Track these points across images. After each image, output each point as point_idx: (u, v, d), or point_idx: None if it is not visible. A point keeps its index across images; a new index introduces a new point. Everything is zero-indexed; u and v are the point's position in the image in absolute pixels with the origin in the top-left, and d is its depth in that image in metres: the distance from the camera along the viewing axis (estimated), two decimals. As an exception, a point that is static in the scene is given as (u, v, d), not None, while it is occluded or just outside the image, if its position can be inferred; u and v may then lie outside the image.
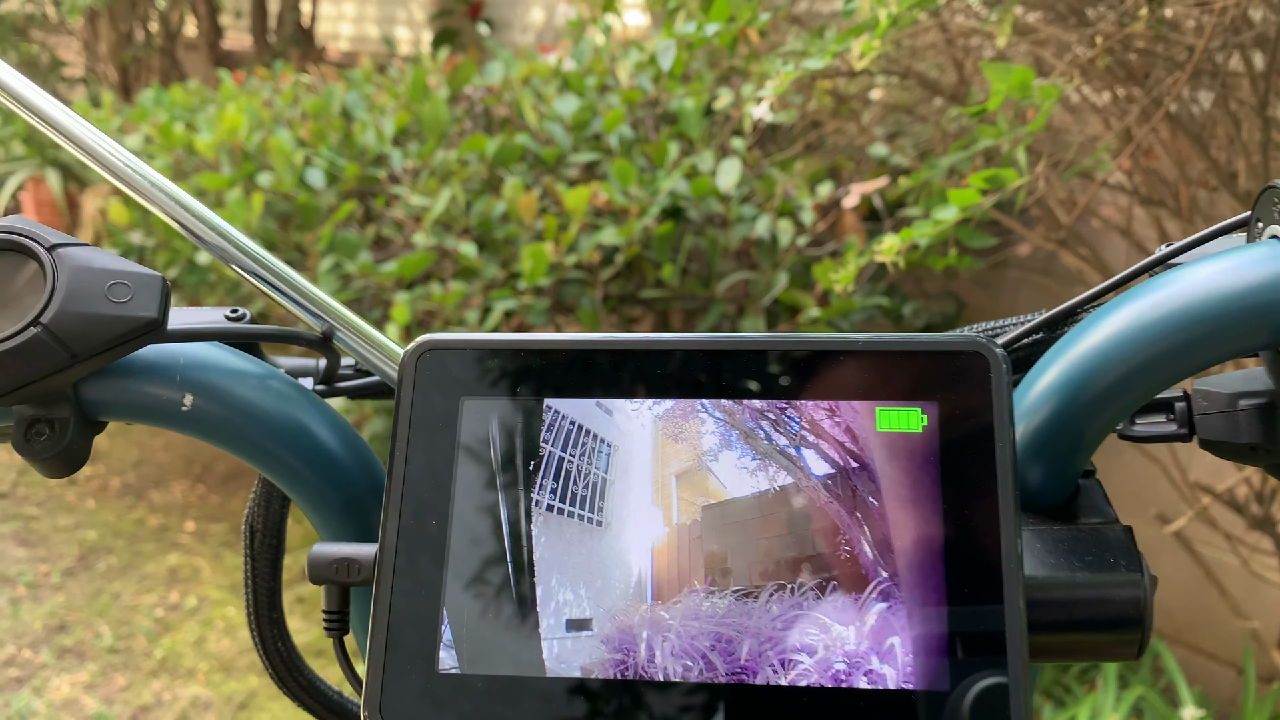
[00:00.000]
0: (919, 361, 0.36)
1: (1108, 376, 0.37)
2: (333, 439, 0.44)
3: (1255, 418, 0.39)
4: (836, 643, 0.34)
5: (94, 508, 3.17)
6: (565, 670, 0.35)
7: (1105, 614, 0.36)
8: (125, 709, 2.34)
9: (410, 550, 0.36)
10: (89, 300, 0.37)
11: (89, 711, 2.32)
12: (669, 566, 0.35)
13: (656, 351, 0.38)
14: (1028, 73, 0.85)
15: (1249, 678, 2.03)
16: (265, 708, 2.35)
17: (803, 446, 0.36)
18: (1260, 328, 0.35)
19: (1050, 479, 0.40)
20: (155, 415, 0.41)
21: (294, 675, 0.52)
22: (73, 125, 0.43)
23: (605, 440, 0.37)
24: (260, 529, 0.49)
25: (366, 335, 0.45)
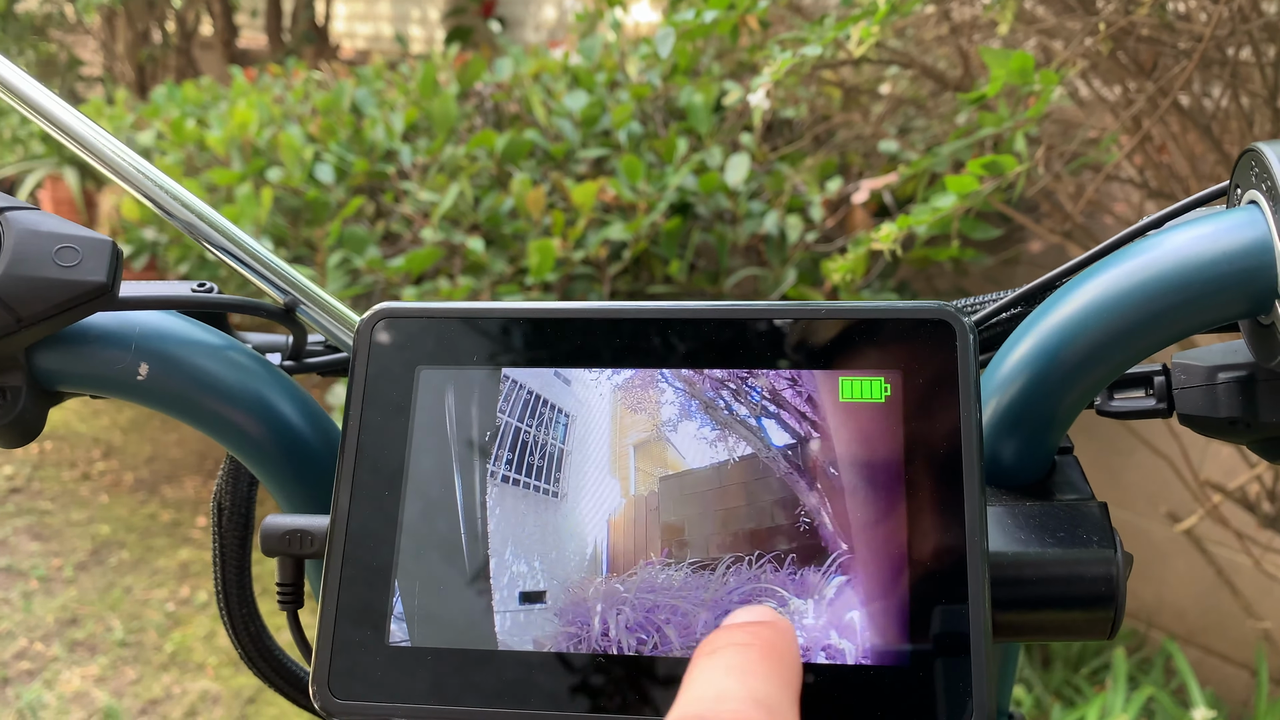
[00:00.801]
0: (882, 330, 0.35)
1: (1081, 348, 0.36)
2: (293, 411, 0.43)
3: (1235, 391, 0.38)
4: (794, 617, 0.33)
5: (107, 502, 3.18)
6: (517, 644, 0.34)
7: (1076, 591, 0.35)
8: (135, 702, 2.35)
9: (362, 522, 0.36)
10: (35, 264, 0.37)
11: (99, 704, 2.33)
12: (625, 538, 0.34)
13: (616, 320, 0.37)
14: (1027, 58, 0.84)
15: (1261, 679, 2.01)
16: (273, 702, 2.36)
17: (763, 417, 0.35)
18: (1237, 295, 0.33)
19: (1025, 455, 0.39)
20: (110, 385, 0.41)
21: (263, 655, 0.51)
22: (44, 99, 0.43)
23: (563, 410, 0.36)
24: (228, 506, 0.49)
25: (328, 307, 0.44)
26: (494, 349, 0.37)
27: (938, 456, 0.33)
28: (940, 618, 0.32)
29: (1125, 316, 0.35)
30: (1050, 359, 0.36)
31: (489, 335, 0.37)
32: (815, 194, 2.07)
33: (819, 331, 0.35)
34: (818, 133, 2.15)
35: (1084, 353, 0.36)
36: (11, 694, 2.35)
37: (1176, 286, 0.34)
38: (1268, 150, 0.33)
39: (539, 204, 2.02)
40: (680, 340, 0.36)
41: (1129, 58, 1.22)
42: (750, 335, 0.36)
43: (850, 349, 0.35)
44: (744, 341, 0.36)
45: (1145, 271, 0.35)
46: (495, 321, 0.37)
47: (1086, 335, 0.35)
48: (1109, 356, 0.35)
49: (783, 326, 0.36)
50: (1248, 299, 0.33)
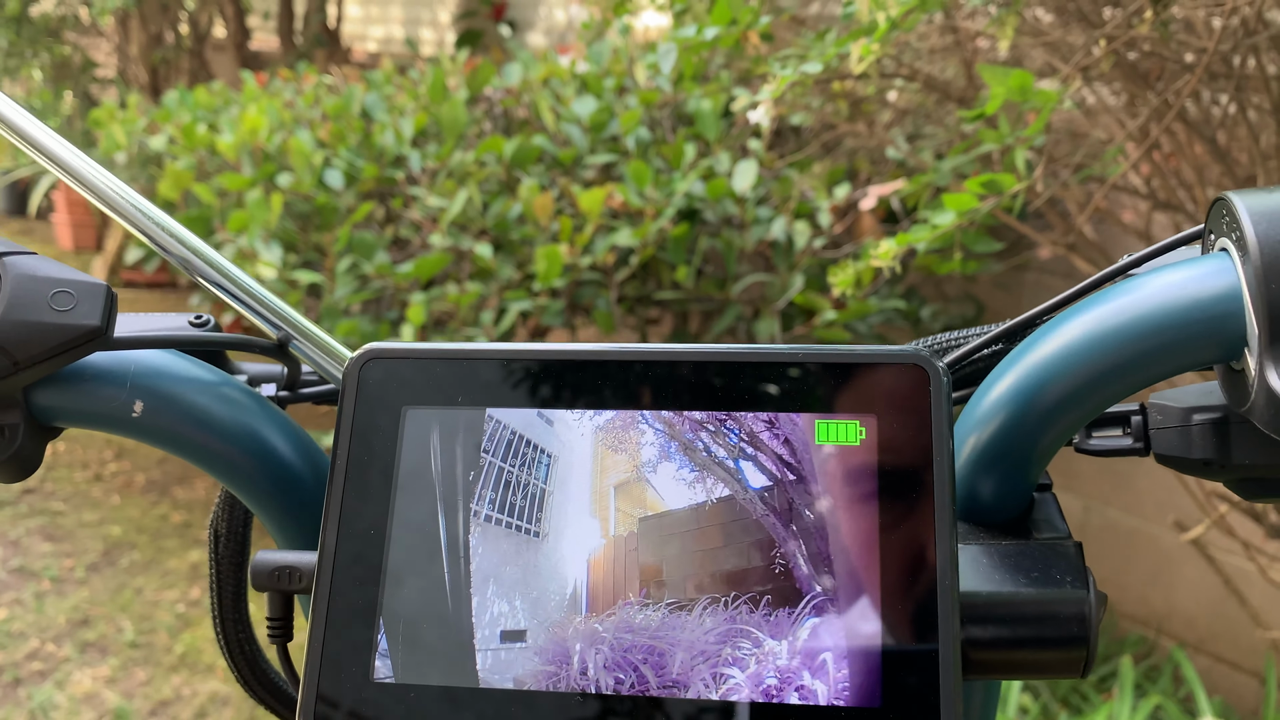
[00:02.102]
0: (858, 374, 0.35)
1: (1059, 388, 0.36)
2: (285, 446, 0.44)
3: (1209, 433, 0.39)
4: (768, 657, 0.33)
5: (119, 504, 3.21)
6: (498, 681, 0.35)
7: (1049, 632, 0.36)
8: (145, 703, 2.36)
9: (348, 559, 0.36)
10: (31, 309, 0.38)
11: (110, 705, 2.35)
12: (604, 578, 0.35)
13: (598, 362, 0.37)
14: (1026, 76, 0.84)
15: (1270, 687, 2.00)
16: None
17: (741, 459, 0.36)
18: (1209, 342, 0.34)
19: (1002, 492, 0.39)
20: (106, 421, 0.42)
21: (258, 677, 0.52)
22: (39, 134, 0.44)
23: (545, 451, 0.37)
24: (224, 533, 0.50)
25: (319, 342, 0.45)
26: (479, 389, 0.38)
27: (911, 498, 0.34)
28: (911, 659, 0.33)
29: (1104, 359, 0.35)
30: (1029, 398, 0.37)
31: (474, 376, 0.38)
32: (823, 200, 2.08)
33: (796, 375, 0.36)
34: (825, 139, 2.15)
35: (1063, 393, 0.36)
36: (23, 694, 2.37)
37: (1152, 332, 0.34)
38: (1237, 200, 0.34)
39: (547, 210, 2.03)
40: (660, 382, 0.37)
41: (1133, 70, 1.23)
42: (729, 378, 0.36)
43: (826, 392, 0.36)
44: (723, 384, 0.36)
45: (1122, 316, 0.35)
46: (480, 363, 0.38)
47: (1065, 376, 0.36)
48: (1087, 397, 0.36)
49: (761, 370, 0.36)
50: (1219, 346, 0.34)
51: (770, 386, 0.36)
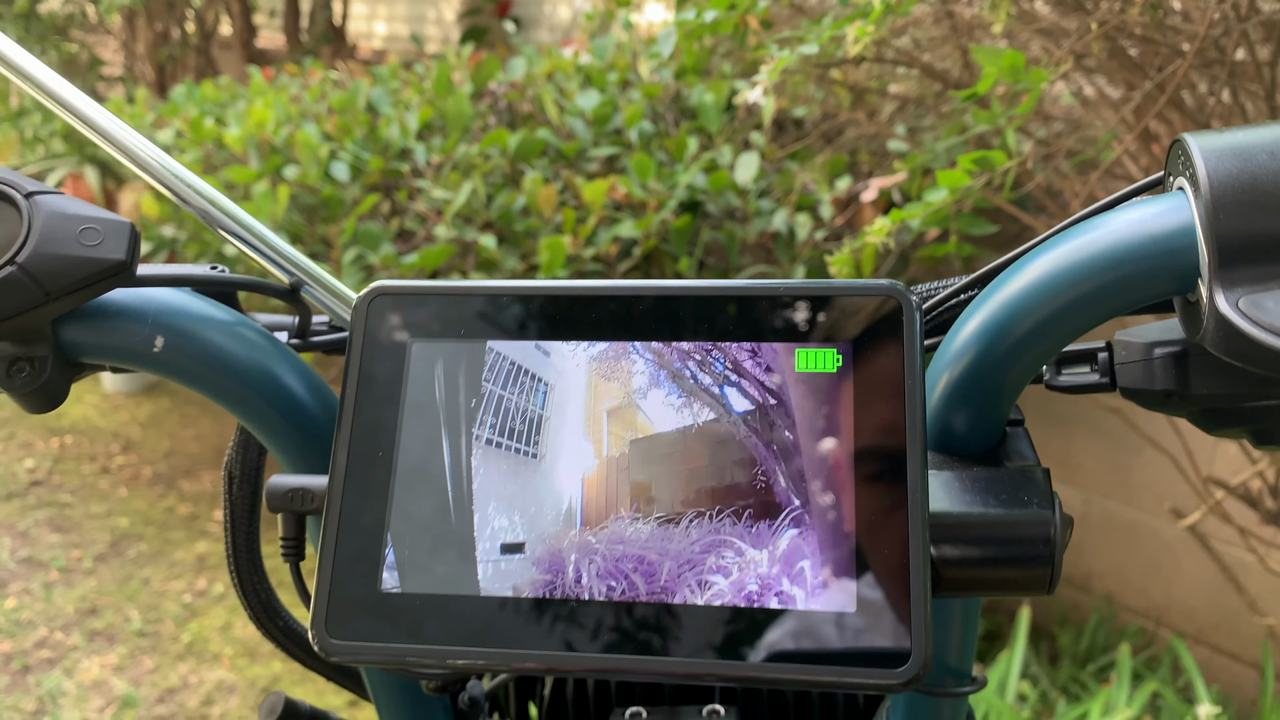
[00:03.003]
0: (835, 305, 0.38)
1: (1024, 323, 0.38)
2: (297, 382, 0.47)
3: (1169, 365, 0.41)
4: (750, 565, 0.36)
5: (126, 496, 3.24)
6: (498, 590, 0.37)
7: (1016, 550, 0.38)
8: (153, 691, 2.39)
9: (358, 480, 0.39)
10: (62, 243, 0.40)
11: (117, 693, 2.37)
12: (598, 495, 0.38)
13: (592, 297, 0.40)
14: (1017, 56, 0.86)
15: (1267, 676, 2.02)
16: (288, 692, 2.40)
17: (725, 385, 0.38)
18: (1164, 275, 0.36)
19: (975, 424, 0.41)
20: (128, 356, 0.44)
21: (271, 617, 0.55)
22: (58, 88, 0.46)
23: (543, 380, 0.39)
24: (238, 475, 0.52)
25: (330, 287, 0.48)
26: (480, 324, 0.40)
27: (885, 420, 0.36)
28: (883, 568, 0.35)
29: (1064, 294, 0.37)
30: (997, 334, 0.39)
31: (476, 311, 0.40)
32: (824, 192, 2.10)
33: (778, 307, 0.38)
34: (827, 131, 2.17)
35: (1028, 327, 0.38)
36: (32, 681, 2.40)
37: (1110, 266, 0.37)
38: (1191, 141, 0.36)
39: (551, 202, 2.05)
40: (651, 315, 0.39)
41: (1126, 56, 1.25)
42: (715, 311, 0.39)
43: (805, 323, 0.38)
44: (709, 317, 0.39)
45: (1083, 252, 0.37)
46: (481, 299, 0.40)
47: (1030, 311, 0.38)
48: (1051, 331, 0.38)
49: (745, 303, 0.39)
50: (1174, 278, 0.36)
51: (753, 318, 0.38)
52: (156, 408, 3.85)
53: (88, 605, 2.69)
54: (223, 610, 2.68)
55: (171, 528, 3.06)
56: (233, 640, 2.57)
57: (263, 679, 2.43)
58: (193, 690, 2.40)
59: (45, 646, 2.53)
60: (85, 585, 2.78)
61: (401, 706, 0.55)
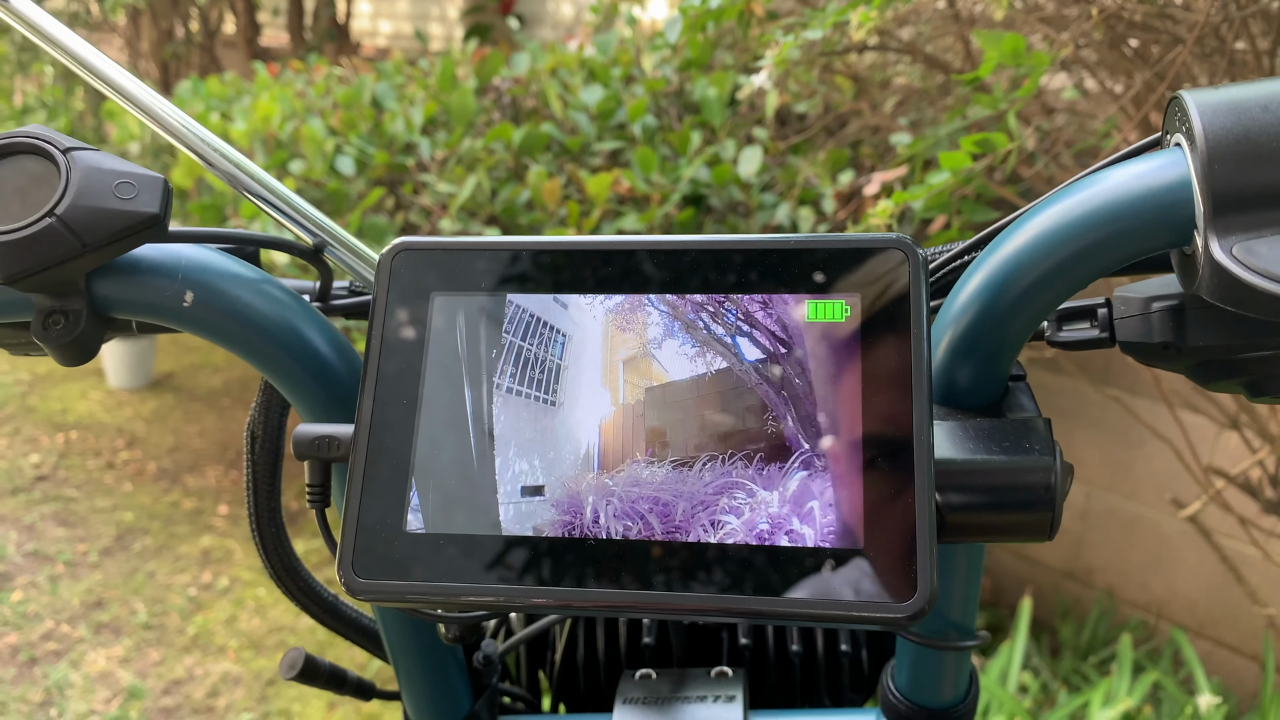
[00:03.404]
0: (844, 257, 0.39)
1: (1025, 277, 0.39)
2: (320, 339, 0.48)
3: (1167, 319, 0.42)
4: (761, 506, 0.37)
5: (131, 490, 3.25)
6: (519, 530, 0.39)
7: (1018, 496, 0.39)
8: (158, 683, 2.40)
9: (383, 426, 0.40)
10: (98, 196, 0.41)
11: (123, 684, 2.39)
12: (614, 440, 0.39)
13: (609, 251, 0.41)
14: (1019, 40, 0.87)
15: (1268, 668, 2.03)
16: (292, 684, 2.41)
17: (738, 335, 0.39)
18: (1161, 228, 0.37)
19: (978, 378, 0.43)
20: (158, 311, 0.45)
21: (291, 576, 0.56)
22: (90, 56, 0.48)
23: (561, 331, 0.41)
24: (260, 435, 0.53)
25: (354, 248, 0.49)
26: (500, 277, 0.42)
27: (891, 368, 0.38)
28: (890, 509, 0.36)
29: (1064, 248, 0.39)
30: (998, 289, 0.40)
31: (496, 265, 0.42)
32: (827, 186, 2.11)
33: (789, 260, 0.40)
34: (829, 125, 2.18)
35: (1028, 282, 0.40)
36: (39, 673, 2.41)
37: (1108, 219, 0.38)
38: (1188, 98, 0.37)
39: (555, 195, 2.06)
40: (665, 268, 0.41)
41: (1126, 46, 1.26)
42: (727, 264, 0.40)
43: (815, 275, 0.39)
44: (722, 269, 0.40)
45: (1081, 208, 0.38)
46: (502, 253, 0.42)
47: (1029, 266, 0.39)
48: (1051, 285, 0.39)
49: (757, 256, 0.40)
50: (1170, 231, 0.37)
51: (765, 271, 0.40)
52: (160, 404, 3.87)
53: (94, 598, 2.70)
54: (227, 603, 2.69)
55: (176, 522, 3.08)
56: (237, 633, 2.58)
57: (268, 671, 2.44)
58: (198, 682, 2.41)
59: (52, 639, 2.54)
60: (91, 579, 2.79)
61: (419, 664, 0.57)
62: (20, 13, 0.48)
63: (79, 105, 5.00)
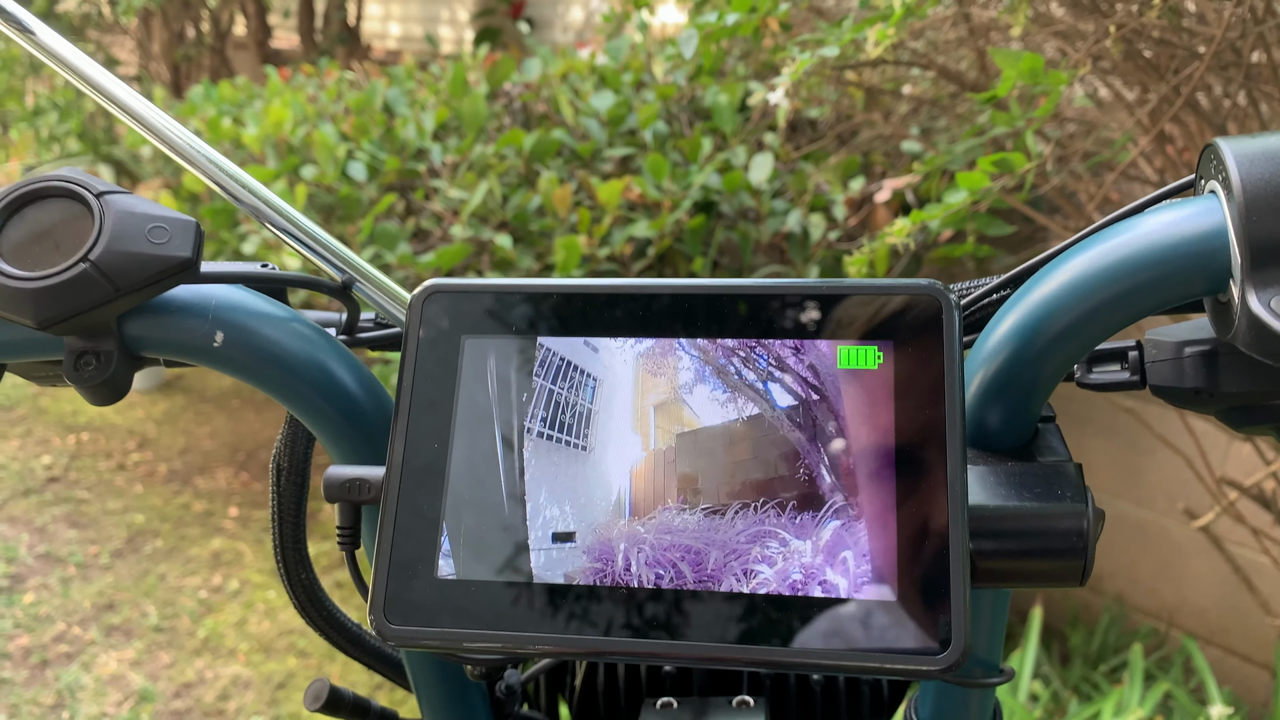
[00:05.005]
0: (876, 304, 0.39)
1: (1058, 322, 0.39)
2: (349, 377, 0.48)
3: (1199, 364, 0.42)
4: (794, 555, 0.37)
5: (142, 492, 3.26)
6: (550, 577, 0.39)
7: (1050, 542, 0.39)
8: (169, 685, 2.41)
9: (414, 471, 0.40)
10: (131, 240, 0.42)
11: (135, 687, 2.39)
12: (645, 486, 0.39)
13: (640, 295, 0.41)
14: (1036, 59, 0.87)
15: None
16: (303, 688, 2.42)
17: (769, 381, 0.39)
18: (1196, 276, 0.37)
19: (1008, 421, 0.43)
20: (189, 351, 0.45)
21: (315, 606, 0.56)
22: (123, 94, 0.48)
23: (591, 375, 0.41)
24: (286, 467, 0.53)
25: (382, 285, 0.49)
26: (531, 320, 0.42)
27: (924, 416, 0.37)
28: (924, 559, 0.36)
29: (1098, 294, 0.38)
30: (1031, 333, 0.40)
31: (527, 308, 0.42)
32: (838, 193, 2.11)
33: (820, 306, 0.40)
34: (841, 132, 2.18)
35: (1061, 326, 0.39)
36: (51, 675, 2.42)
37: (1143, 267, 0.38)
38: (1224, 145, 0.37)
39: (566, 202, 2.06)
40: (696, 313, 0.41)
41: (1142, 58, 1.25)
42: (759, 309, 0.40)
43: (848, 321, 0.39)
44: (753, 314, 0.40)
45: (1116, 254, 0.38)
46: (532, 296, 0.42)
47: (1064, 311, 0.39)
48: (1084, 330, 0.39)
49: (788, 301, 0.40)
50: (1206, 279, 0.37)
51: (796, 316, 0.40)
52: (171, 405, 3.88)
53: (105, 600, 2.71)
54: (238, 606, 2.70)
55: (187, 524, 3.09)
56: (248, 636, 2.58)
57: (278, 674, 2.45)
58: (209, 685, 2.42)
59: (63, 641, 2.55)
60: (102, 581, 2.80)
61: (442, 694, 0.57)
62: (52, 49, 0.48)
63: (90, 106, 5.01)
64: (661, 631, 0.37)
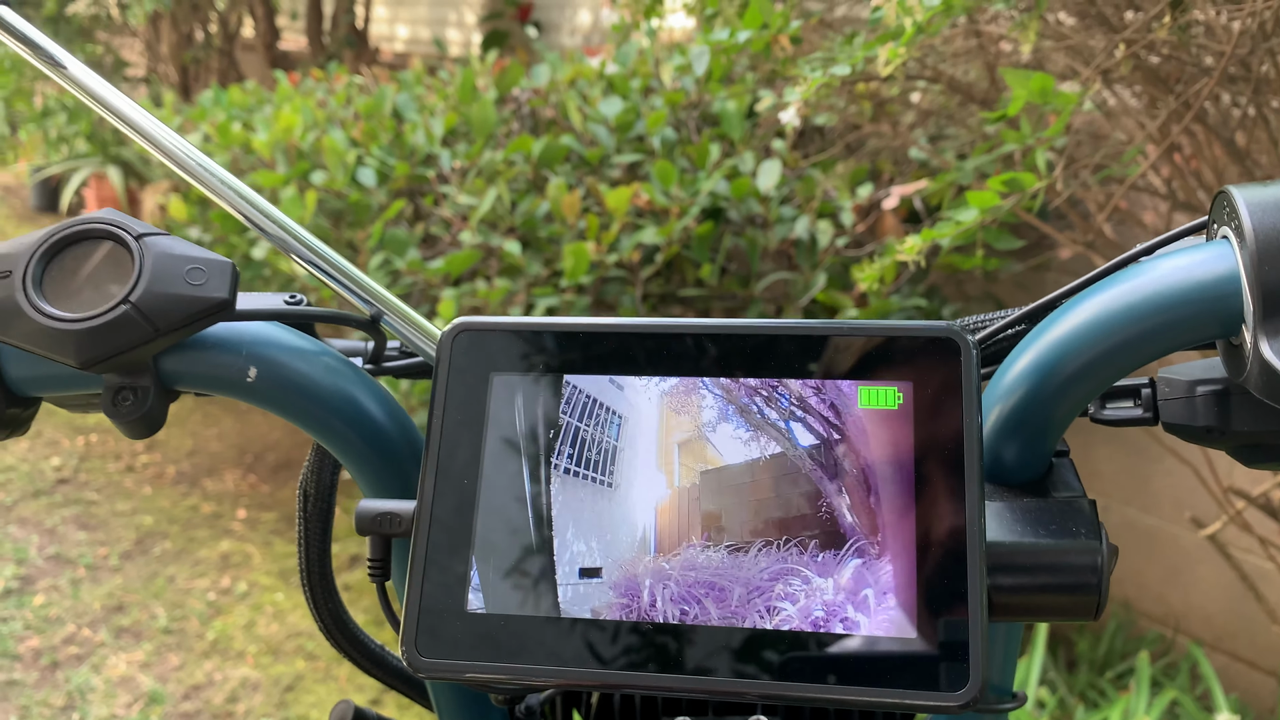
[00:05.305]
0: (896, 345, 0.40)
1: (1074, 362, 0.40)
2: (378, 409, 0.49)
3: (1211, 403, 0.43)
4: (816, 593, 0.38)
5: (150, 494, 3.28)
6: (578, 611, 0.40)
7: (1065, 578, 0.40)
8: (178, 687, 2.42)
9: (444, 506, 0.41)
10: (170, 282, 0.43)
11: (144, 689, 2.41)
12: (670, 523, 0.40)
13: (664, 334, 0.42)
14: (1047, 79, 0.88)
15: (1286, 684, 2.02)
16: (311, 690, 2.43)
17: (791, 420, 0.40)
18: (1209, 320, 0.38)
19: (1024, 456, 0.43)
20: (223, 385, 0.46)
21: (341, 629, 0.57)
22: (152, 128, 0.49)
23: (616, 412, 0.42)
24: (313, 493, 0.55)
25: (410, 319, 0.50)
26: (557, 358, 0.43)
27: (943, 456, 0.38)
28: (943, 596, 0.37)
29: (1113, 335, 0.39)
30: (1047, 371, 0.41)
31: (553, 346, 0.43)
32: (846, 200, 2.12)
33: (841, 347, 0.41)
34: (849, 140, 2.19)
35: (1077, 366, 0.40)
36: (61, 677, 2.43)
37: (1159, 310, 0.39)
38: (1236, 194, 0.38)
39: (574, 208, 2.07)
40: (720, 353, 0.41)
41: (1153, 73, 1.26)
42: (781, 349, 0.41)
43: (868, 362, 0.40)
44: (775, 354, 0.41)
45: (1132, 296, 0.39)
46: (559, 335, 0.43)
47: (1080, 351, 0.40)
48: (1099, 370, 0.40)
49: (810, 342, 0.41)
50: (1219, 323, 0.38)
51: (818, 356, 0.41)
52: (179, 407, 3.89)
53: (114, 602, 2.73)
54: (246, 609, 2.71)
55: (195, 526, 3.10)
56: (256, 638, 2.60)
57: (286, 677, 2.46)
58: (217, 687, 2.43)
59: (73, 643, 2.57)
60: (112, 582, 2.81)
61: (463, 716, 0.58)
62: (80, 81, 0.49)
63: (99, 108, 5.02)
64: (687, 666, 0.38)
